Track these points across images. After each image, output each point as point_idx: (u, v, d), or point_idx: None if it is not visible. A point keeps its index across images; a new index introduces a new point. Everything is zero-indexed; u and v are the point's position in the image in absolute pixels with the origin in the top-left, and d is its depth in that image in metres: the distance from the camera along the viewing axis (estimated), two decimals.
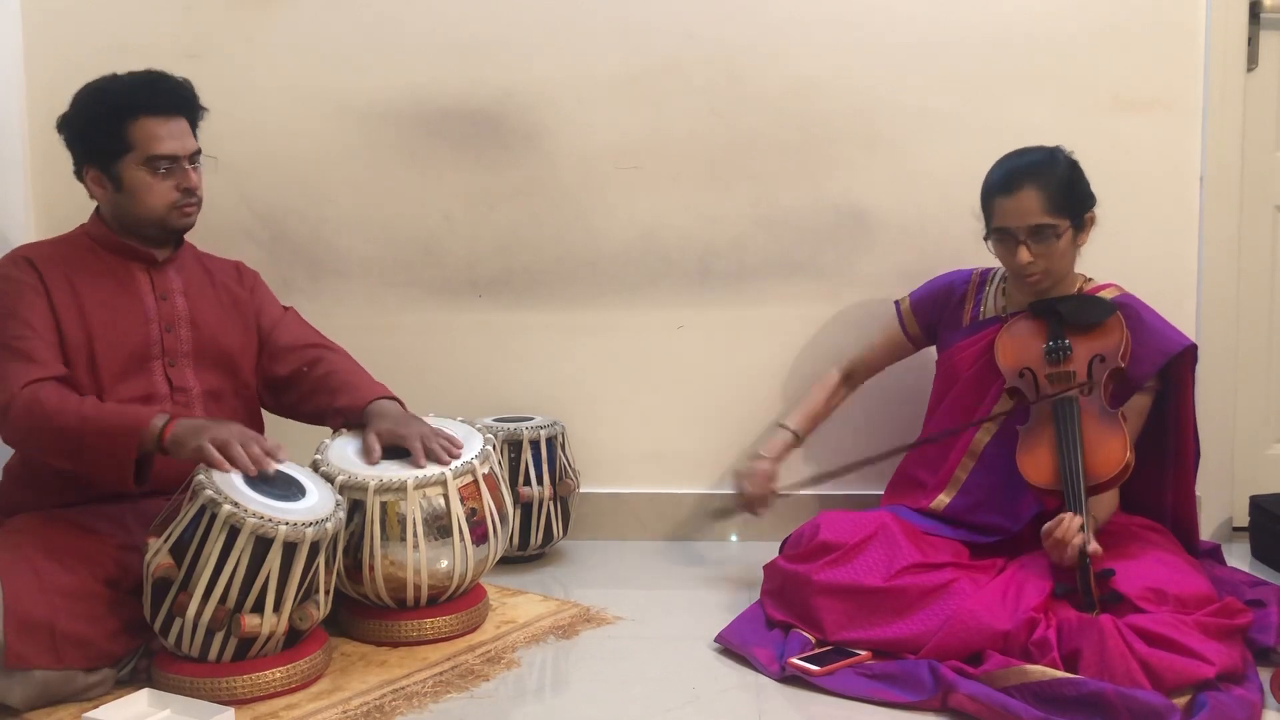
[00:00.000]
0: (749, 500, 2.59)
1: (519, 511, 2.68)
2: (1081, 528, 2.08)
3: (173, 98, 2.25)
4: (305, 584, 2.01)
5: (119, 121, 2.20)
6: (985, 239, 2.40)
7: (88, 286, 2.23)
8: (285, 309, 2.52)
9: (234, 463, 2.02)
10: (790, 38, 2.82)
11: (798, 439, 2.69)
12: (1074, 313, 2.36)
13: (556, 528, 2.76)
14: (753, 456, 2.67)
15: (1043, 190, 2.30)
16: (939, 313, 2.59)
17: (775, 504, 2.61)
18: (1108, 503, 2.26)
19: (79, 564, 2.03)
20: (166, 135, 2.22)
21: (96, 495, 2.17)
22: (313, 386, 2.41)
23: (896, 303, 2.68)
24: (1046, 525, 2.12)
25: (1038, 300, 2.40)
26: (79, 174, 2.28)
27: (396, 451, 2.28)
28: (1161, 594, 2.03)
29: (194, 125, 2.30)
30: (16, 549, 2.01)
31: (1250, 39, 2.76)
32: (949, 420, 2.47)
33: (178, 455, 2.03)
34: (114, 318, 2.23)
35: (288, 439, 2.30)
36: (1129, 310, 2.37)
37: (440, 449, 2.26)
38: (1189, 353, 2.34)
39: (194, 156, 2.27)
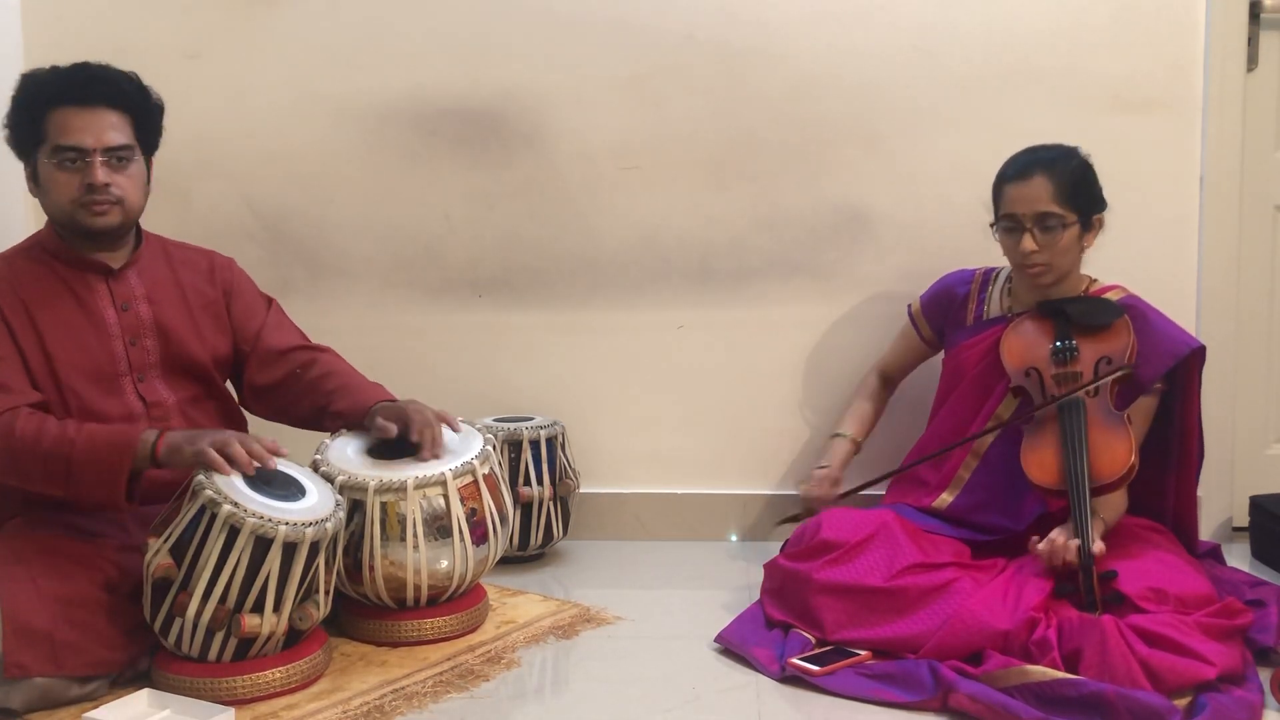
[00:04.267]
0: (818, 511, 2.49)
1: (519, 511, 2.67)
2: (1080, 546, 2.08)
3: (99, 87, 2.08)
4: (305, 584, 2.01)
5: (38, 111, 2.07)
6: (992, 225, 2.41)
7: (42, 306, 2.13)
8: (269, 303, 2.44)
9: (233, 462, 2.00)
10: (790, 38, 2.82)
11: (857, 445, 2.69)
12: (1082, 314, 2.36)
13: (556, 528, 2.76)
14: (817, 468, 2.65)
15: (1054, 180, 2.32)
16: (944, 314, 2.60)
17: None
18: (1117, 504, 2.25)
19: (78, 570, 2.02)
20: (78, 127, 2.05)
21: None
22: (306, 389, 2.38)
23: (909, 306, 2.68)
24: (1040, 547, 2.13)
25: (1045, 300, 2.40)
26: None
27: (397, 449, 2.28)
28: (1162, 594, 2.03)
29: (141, 122, 2.15)
30: (15, 557, 2.00)
31: (1250, 39, 2.76)
32: (954, 418, 2.47)
33: (174, 465, 2.02)
34: (73, 336, 2.14)
35: (287, 439, 2.30)
36: (1135, 312, 2.37)
37: (437, 434, 2.27)
38: (1196, 355, 2.34)
39: (116, 151, 2.09)
